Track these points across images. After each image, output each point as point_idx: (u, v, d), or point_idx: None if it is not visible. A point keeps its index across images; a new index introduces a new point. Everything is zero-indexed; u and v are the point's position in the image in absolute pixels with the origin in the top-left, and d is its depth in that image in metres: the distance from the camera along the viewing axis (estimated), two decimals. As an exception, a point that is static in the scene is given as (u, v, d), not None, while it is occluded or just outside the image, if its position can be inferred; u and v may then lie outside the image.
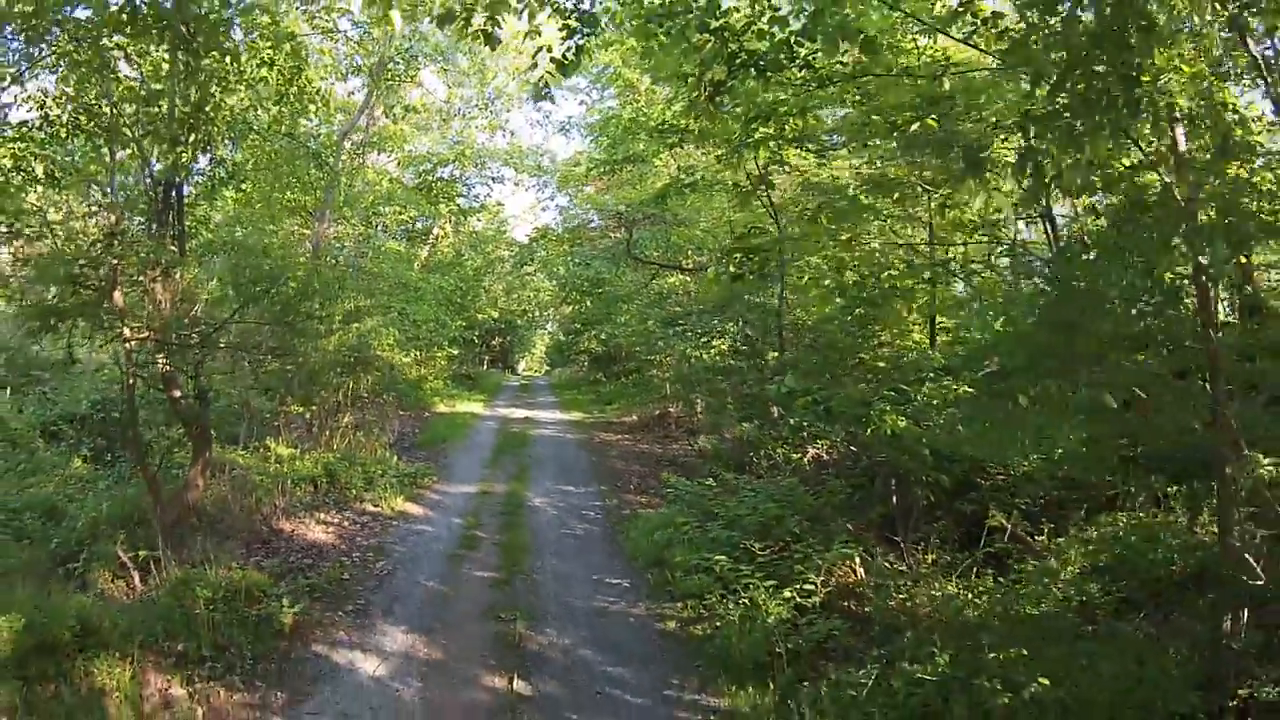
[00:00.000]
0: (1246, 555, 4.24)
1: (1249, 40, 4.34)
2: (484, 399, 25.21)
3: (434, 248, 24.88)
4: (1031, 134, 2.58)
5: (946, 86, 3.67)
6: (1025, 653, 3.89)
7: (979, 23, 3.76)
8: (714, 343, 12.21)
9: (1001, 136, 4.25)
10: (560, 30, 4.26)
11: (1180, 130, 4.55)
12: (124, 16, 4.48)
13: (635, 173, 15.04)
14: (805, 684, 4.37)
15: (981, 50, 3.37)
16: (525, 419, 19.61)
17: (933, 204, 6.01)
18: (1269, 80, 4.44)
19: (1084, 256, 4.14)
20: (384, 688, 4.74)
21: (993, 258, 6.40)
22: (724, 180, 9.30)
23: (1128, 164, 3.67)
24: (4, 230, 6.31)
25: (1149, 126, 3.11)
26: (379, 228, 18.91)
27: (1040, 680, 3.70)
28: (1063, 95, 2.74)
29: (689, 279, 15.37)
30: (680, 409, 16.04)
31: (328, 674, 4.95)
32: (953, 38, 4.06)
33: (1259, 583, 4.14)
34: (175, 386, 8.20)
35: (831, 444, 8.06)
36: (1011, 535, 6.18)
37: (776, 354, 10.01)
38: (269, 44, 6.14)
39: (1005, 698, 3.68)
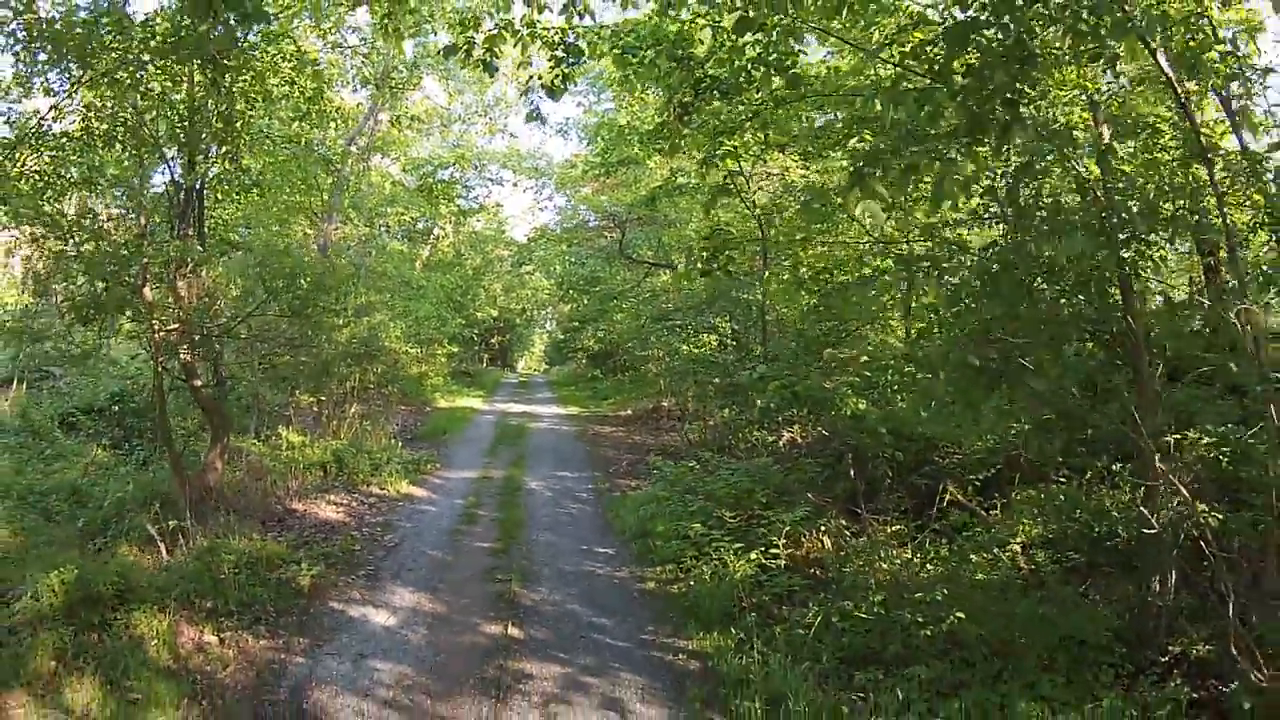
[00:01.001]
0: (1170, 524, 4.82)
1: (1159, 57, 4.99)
2: (483, 395, 25.86)
3: (435, 247, 25.54)
4: (907, 152, 3.16)
5: (878, 106, 4.29)
6: (946, 592, 4.52)
7: (908, 51, 4.39)
8: (703, 338, 12.87)
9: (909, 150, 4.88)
10: (549, 60, 4.90)
11: (1106, 130, 5.21)
12: (166, 44, 5.11)
13: (629, 175, 15.67)
14: (763, 628, 5.01)
15: (916, 73, 3.96)
16: (523, 413, 20.27)
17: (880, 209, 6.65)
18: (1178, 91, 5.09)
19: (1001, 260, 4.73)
20: (394, 634, 5.39)
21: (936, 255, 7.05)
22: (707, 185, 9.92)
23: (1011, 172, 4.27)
24: (42, 231, 6.93)
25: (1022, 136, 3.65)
26: (382, 229, 19.56)
27: (957, 614, 4.33)
28: (948, 119, 3.37)
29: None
30: (673, 402, 16.68)
31: (344, 625, 5.59)
32: (888, 63, 4.69)
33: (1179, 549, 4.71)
34: (196, 376, 8.86)
35: (804, 428, 8.70)
36: (964, 507, 6.80)
37: (760, 347, 10.66)
38: (292, 66, 6.78)
39: (928, 630, 4.32)
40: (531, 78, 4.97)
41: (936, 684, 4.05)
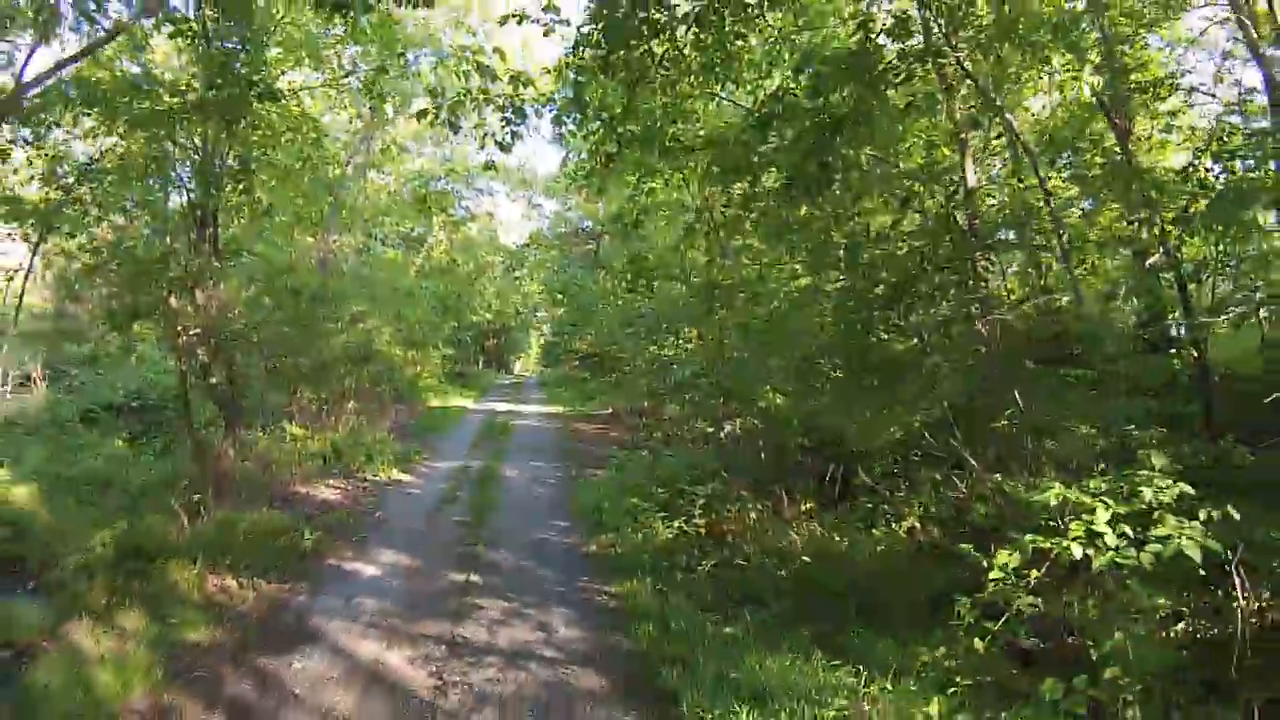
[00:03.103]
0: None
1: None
2: (475, 395, 27.17)
3: (428, 255, 26.84)
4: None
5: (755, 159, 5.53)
6: (796, 544, 5.81)
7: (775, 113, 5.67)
8: (667, 341, 14.13)
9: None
10: (500, 121, 6.20)
11: (970, 166, 6.52)
12: (188, 105, 6.42)
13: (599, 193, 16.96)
14: (670, 576, 6.31)
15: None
16: (511, 412, 21.58)
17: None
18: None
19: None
20: (378, 581, 6.69)
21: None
22: (669, 207, 11.19)
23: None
24: (87, 251, 8.23)
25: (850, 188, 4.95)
26: (377, 238, 20.87)
27: (804, 558, 5.62)
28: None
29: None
30: (651, 403, 17.97)
31: (338, 575, 6.89)
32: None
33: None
34: (211, 374, 10.16)
35: (743, 421, 9.99)
36: (869, 490, 8.06)
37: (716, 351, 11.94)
38: (299, 120, 8.09)
39: (783, 571, 5.62)
40: (487, 134, 6.27)
41: (784, 616, 5.32)
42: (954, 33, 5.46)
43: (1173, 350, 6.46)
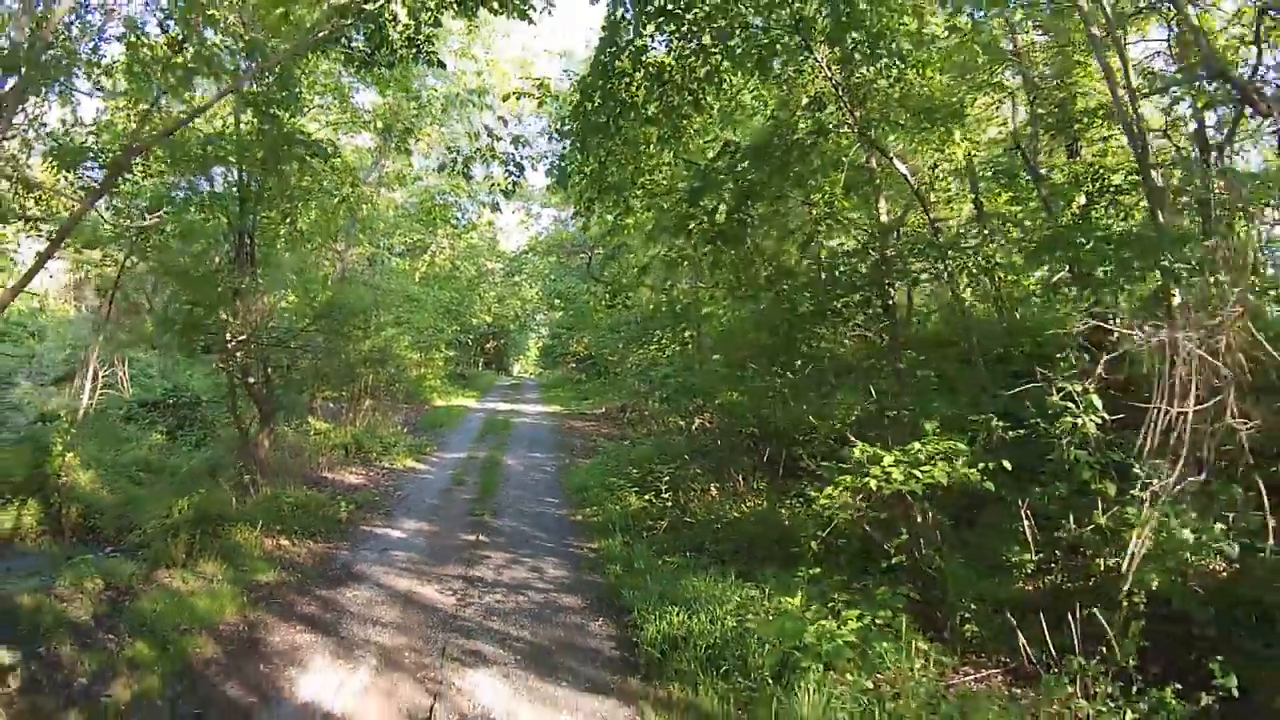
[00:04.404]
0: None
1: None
2: (476, 395, 28.75)
3: (431, 262, 28.42)
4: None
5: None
6: (739, 511, 7.41)
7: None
8: (659, 345, 15.73)
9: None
10: (504, 173, 7.83)
11: (883, 206, 8.10)
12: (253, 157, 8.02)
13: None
14: (637, 535, 7.92)
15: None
16: (511, 410, 23.17)
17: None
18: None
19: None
20: (405, 540, 8.29)
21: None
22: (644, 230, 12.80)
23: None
24: (159, 269, 9.83)
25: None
26: (385, 248, 22.46)
27: (744, 520, 7.23)
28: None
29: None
30: (637, 401, 19.58)
31: (371, 537, 8.49)
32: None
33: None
34: (250, 375, 11.74)
35: (711, 415, 11.60)
36: (809, 472, 9.67)
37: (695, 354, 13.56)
38: (342, 172, 9.71)
39: (716, 526, 7.23)
40: (494, 185, 7.90)
41: (719, 557, 6.92)
42: (859, 105, 7.07)
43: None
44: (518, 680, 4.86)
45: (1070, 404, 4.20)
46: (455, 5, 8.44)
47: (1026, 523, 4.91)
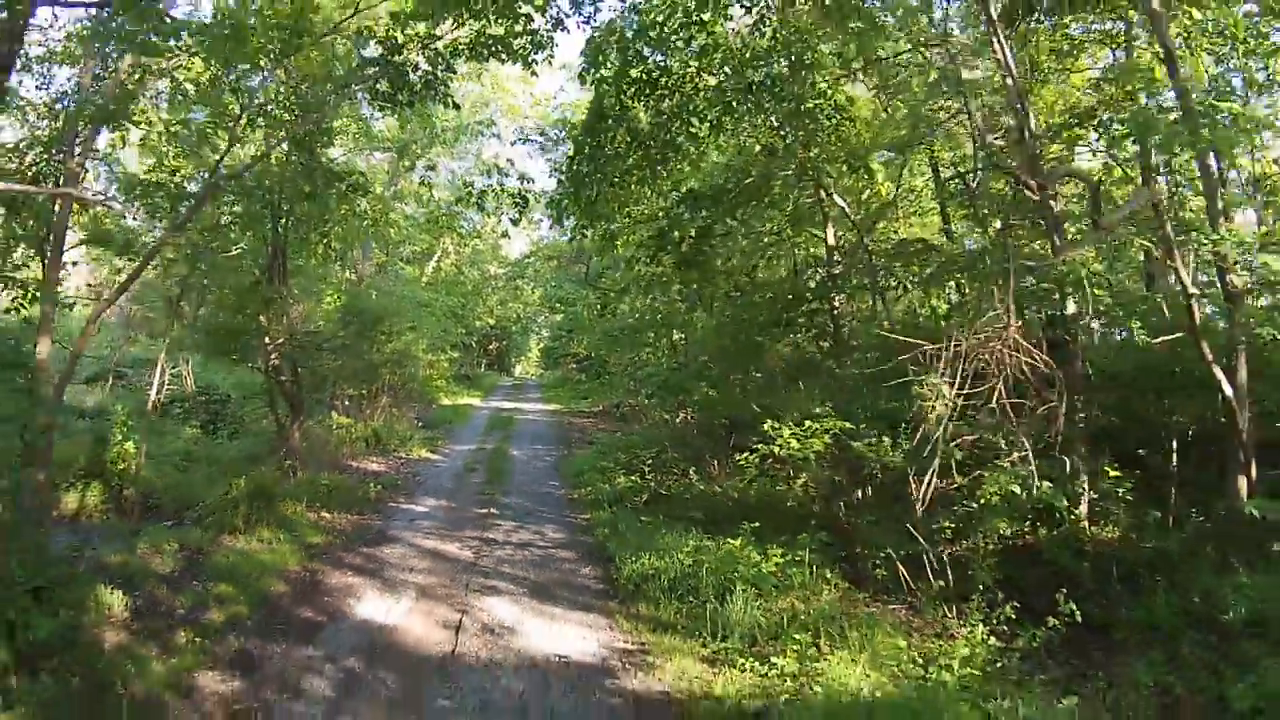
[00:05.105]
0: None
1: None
2: (481, 395, 30.31)
3: (438, 267, 29.98)
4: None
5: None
6: (709, 489, 8.96)
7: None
8: (645, 349, 17.27)
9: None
10: (512, 206, 9.37)
11: (831, 232, 9.65)
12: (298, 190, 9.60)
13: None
14: (622, 507, 9.47)
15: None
16: (514, 408, 24.74)
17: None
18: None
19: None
20: (428, 514, 9.86)
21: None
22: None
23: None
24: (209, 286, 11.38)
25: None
26: (396, 256, 24.05)
27: (703, 489, 8.76)
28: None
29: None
30: (630, 398, 21.13)
31: (399, 511, 10.05)
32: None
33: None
34: (282, 374, 13.29)
35: (692, 410, 13.15)
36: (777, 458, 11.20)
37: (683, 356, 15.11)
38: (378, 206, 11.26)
39: (686, 498, 8.78)
40: (504, 214, 9.45)
41: (689, 521, 8.45)
42: (804, 151, 8.61)
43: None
44: (525, 604, 6.42)
45: (928, 393, 5.72)
46: (468, 53, 10.00)
47: (912, 485, 6.44)
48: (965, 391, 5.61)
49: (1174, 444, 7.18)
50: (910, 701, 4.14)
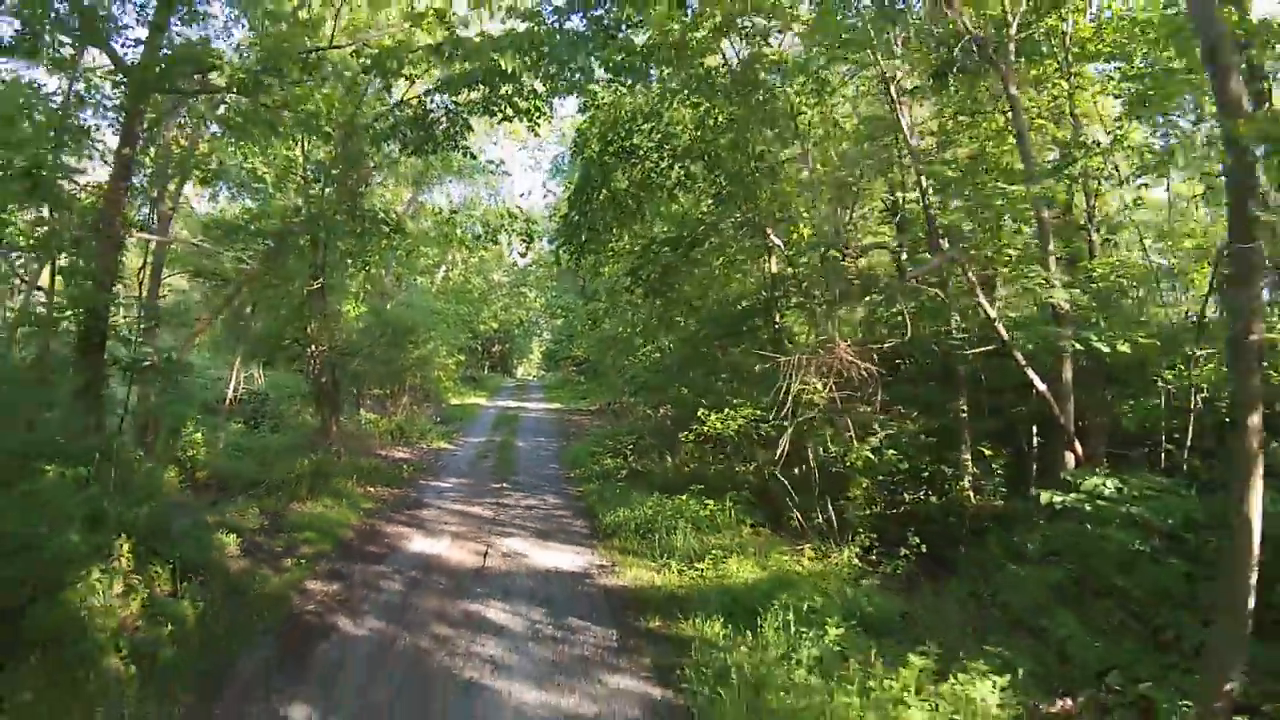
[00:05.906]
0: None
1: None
2: (486, 395, 32.76)
3: (447, 276, 32.43)
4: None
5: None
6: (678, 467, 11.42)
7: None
8: (637, 354, 19.69)
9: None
10: (520, 236, 11.82)
11: (773, 262, 12.10)
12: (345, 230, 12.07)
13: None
14: (610, 482, 11.92)
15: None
16: (518, 407, 27.20)
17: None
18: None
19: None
20: (452, 489, 12.32)
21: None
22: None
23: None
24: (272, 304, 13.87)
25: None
26: (412, 270, 26.54)
27: (671, 467, 11.22)
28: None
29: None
30: (621, 398, 23.56)
31: (429, 487, 12.52)
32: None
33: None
34: (323, 377, 15.76)
35: (671, 406, 15.60)
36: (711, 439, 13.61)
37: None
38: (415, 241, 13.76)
39: (656, 472, 11.24)
40: (513, 243, 11.91)
41: (663, 488, 10.89)
42: (749, 199, 11.05)
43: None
44: (532, 541, 8.89)
45: (805, 387, 8.16)
46: (482, 110, 12.47)
47: (809, 454, 8.89)
48: (803, 386, 8.02)
49: (1034, 430, 9.58)
50: (774, 582, 6.58)
